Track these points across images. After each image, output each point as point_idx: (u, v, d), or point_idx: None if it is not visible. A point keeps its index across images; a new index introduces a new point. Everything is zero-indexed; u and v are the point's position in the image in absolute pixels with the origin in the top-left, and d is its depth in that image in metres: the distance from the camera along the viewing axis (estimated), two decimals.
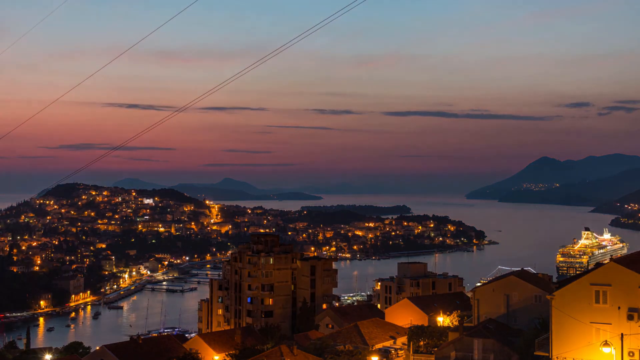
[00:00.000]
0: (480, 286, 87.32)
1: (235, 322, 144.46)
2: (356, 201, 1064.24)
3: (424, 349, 74.96)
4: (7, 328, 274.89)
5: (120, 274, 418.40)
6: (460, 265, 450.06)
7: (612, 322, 54.39)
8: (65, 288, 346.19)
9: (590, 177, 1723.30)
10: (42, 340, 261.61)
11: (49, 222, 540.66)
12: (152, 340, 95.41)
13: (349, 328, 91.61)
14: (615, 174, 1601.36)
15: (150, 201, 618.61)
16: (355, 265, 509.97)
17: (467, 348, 66.53)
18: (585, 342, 55.47)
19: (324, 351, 78.08)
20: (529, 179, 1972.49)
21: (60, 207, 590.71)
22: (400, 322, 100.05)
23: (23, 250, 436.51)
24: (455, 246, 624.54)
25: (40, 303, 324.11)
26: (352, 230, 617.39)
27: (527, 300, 74.76)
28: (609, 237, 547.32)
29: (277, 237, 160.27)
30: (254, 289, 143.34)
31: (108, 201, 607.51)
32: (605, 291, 55.17)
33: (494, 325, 71.20)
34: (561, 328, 57.00)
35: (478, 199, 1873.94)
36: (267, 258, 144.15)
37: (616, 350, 52.76)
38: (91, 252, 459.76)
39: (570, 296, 56.96)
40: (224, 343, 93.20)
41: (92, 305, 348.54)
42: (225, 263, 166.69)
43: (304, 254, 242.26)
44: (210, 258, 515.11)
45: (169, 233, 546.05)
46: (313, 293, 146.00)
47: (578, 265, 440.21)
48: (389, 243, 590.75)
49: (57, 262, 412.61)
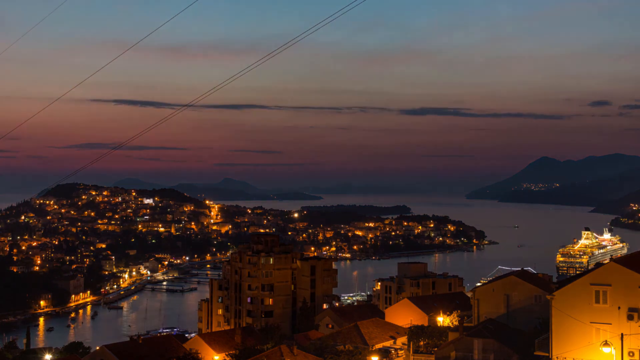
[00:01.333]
0: (480, 286, 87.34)
1: (235, 322, 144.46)
2: (356, 201, 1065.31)
3: (424, 349, 74.96)
4: (7, 328, 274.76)
5: (120, 274, 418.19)
6: (460, 265, 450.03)
7: (612, 322, 54.42)
8: (65, 288, 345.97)
9: (590, 177, 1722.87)
10: (42, 340, 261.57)
11: (49, 222, 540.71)
12: (152, 340, 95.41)
13: (349, 328, 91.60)
14: (615, 174, 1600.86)
15: (150, 201, 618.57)
16: (355, 265, 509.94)
17: (467, 348, 66.54)
18: (585, 342, 55.50)
19: (324, 351, 78.09)
20: (529, 179, 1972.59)
21: (60, 207, 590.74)
22: (400, 322, 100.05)
23: (23, 250, 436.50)
24: (455, 246, 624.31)
25: (40, 303, 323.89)
26: (352, 230, 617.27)
27: (527, 300, 74.77)
28: (609, 237, 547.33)
29: (277, 237, 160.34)
30: (254, 289, 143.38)
31: (108, 201, 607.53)
32: (605, 291, 55.20)
33: (494, 325, 71.17)
34: (561, 328, 57.01)
35: (478, 199, 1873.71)
36: (267, 258, 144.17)
37: (616, 350, 52.78)
38: (91, 252, 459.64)
39: (570, 296, 56.98)
40: (224, 343, 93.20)
41: (92, 305, 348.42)
42: (225, 263, 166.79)
43: (304, 254, 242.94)
44: (210, 258, 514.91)
45: (169, 233, 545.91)
46: (313, 293, 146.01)
47: (578, 265, 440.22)
48: (389, 243, 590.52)
49: (57, 262, 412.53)
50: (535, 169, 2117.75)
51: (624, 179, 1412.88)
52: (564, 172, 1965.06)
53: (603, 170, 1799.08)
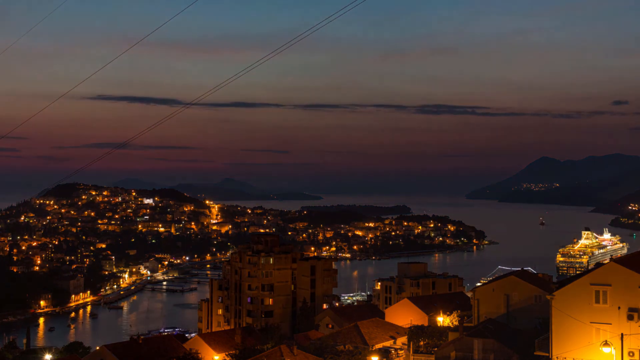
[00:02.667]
0: (480, 286, 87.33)
1: (235, 322, 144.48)
2: (356, 201, 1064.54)
3: (424, 349, 74.86)
4: (7, 328, 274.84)
5: (120, 274, 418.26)
6: (460, 265, 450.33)
7: (612, 322, 54.43)
8: (65, 288, 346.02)
9: (590, 177, 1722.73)
10: (42, 340, 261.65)
11: (49, 222, 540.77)
12: (152, 340, 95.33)
13: (349, 328, 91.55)
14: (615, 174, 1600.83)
15: (150, 201, 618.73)
16: (355, 265, 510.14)
17: (467, 348, 66.51)
18: (585, 342, 55.50)
19: (324, 351, 78.04)
20: (529, 179, 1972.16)
21: (60, 207, 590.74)
22: (400, 322, 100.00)
23: (23, 250, 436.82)
24: (455, 246, 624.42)
25: (40, 303, 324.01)
26: (352, 230, 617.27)
27: (527, 300, 74.71)
28: (609, 237, 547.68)
29: (277, 237, 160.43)
30: (254, 289, 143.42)
31: (108, 201, 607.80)
32: (605, 291, 55.20)
33: (494, 325, 71.11)
34: (561, 328, 57.02)
35: (478, 199, 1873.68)
36: (267, 258, 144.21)
37: (616, 350, 52.79)
38: (91, 252, 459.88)
39: (570, 296, 56.98)
40: (224, 343, 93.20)
41: (92, 305, 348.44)
42: (225, 263, 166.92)
43: (304, 254, 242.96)
44: (210, 258, 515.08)
45: (169, 233, 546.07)
46: (313, 293, 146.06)
47: (578, 265, 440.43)
48: (389, 243, 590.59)
49: (57, 262, 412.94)
50: (535, 169, 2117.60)
51: (624, 179, 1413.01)
52: (564, 172, 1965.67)
53: (603, 170, 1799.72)
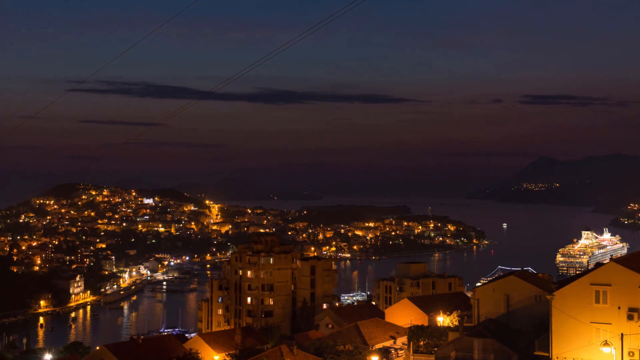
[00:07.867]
0: (480, 286, 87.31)
1: (235, 322, 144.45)
2: (356, 201, 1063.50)
3: (424, 349, 74.88)
4: (7, 328, 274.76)
5: (120, 274, 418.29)
6: (460, 265, 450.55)
7: (612, 322, 54.46)
8: (65, 288, 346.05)
9: (590, 177, 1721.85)
10: (42, 340, 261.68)
11: (49, 222, 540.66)
12: (152, 340, 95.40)
13: (349, 328, 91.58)
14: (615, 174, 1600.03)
15: (150, 201, 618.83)
16: (355, 265, 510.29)
17: (467, 348, 66.50)
18: (585, 342, 55.53)
19: (324, 351, 78.08)
20: (529, 179, 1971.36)
21: (60, 207, 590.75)
22: (400, 322, 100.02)
23: (23, 250, 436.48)
24: (455, 246, 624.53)
25: (40, 303, 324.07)
26: (352, 230, 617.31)
27: (527, 300, 74.65)
28: (609, 237, 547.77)
29: (277, 237, 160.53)
30: (254, 289, 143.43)
31: (108, 201, 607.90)
32: (605, 291, 55.23)
33: (493, 325, 71.12)
34: (561, 328, 57.04)
35: (478, 199, 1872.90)
36: (267, 258, 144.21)
37: (616, 350, 52.81)
38: (91, 252, 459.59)
39: (570, 296, 57.02)
40: (224, 343, 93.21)
41: (92, 305, 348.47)
42: (225, 263, 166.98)
43: (304, 254, 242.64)
44: (210, 258, 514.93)
45: (169, 233, 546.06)
46: (313, 293, 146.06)
47: (578, 265, 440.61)
48: (389, 243, 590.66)
49: (57, 262, 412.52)
50: (535, 169, 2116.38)
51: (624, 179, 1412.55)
52: (564, 172, 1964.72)
53: (603, 170, 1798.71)
